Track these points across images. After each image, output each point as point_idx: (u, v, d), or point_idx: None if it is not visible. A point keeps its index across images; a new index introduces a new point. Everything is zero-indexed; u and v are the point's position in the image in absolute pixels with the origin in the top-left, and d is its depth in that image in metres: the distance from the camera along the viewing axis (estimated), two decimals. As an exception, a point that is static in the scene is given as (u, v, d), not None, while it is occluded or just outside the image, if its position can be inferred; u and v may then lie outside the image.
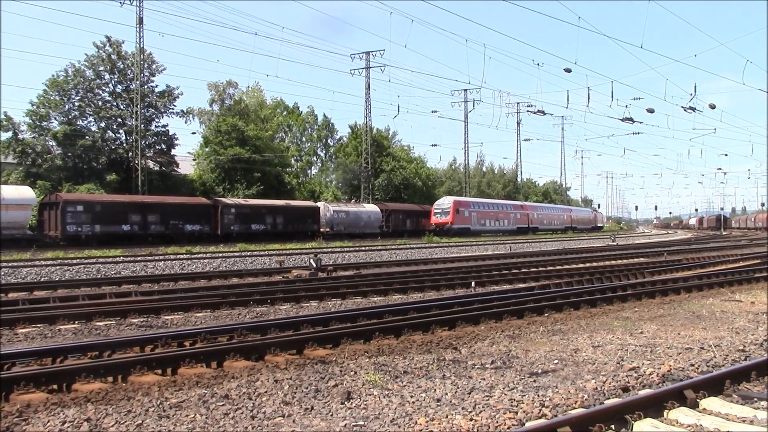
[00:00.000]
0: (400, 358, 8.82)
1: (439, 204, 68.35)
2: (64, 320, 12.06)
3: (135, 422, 6.03)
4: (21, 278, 20.20)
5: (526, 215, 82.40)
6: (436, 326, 11.11)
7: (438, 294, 16.96)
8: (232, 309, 13.90)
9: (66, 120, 55.37)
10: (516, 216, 79.27)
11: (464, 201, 72.01)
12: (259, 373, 7.96)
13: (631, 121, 42.37)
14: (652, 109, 42.15)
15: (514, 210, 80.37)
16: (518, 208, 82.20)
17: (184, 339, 9.66)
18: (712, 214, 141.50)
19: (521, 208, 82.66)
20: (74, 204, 40.80)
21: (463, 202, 71.13)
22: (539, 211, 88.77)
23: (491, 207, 76.51)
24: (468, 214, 68.29)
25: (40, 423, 6.05)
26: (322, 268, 22.23)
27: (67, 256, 27.85)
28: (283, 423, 6.05)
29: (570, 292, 15.41)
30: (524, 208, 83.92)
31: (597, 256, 32.18)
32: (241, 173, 61.46)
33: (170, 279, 20.33)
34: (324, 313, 12.89)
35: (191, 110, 68.08)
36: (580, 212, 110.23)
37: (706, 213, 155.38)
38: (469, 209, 69.32)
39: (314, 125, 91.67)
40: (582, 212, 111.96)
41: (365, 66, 69.00)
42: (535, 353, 9.11)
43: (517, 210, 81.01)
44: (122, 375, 7.74)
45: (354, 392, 7.02)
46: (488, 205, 76.47)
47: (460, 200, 71.20)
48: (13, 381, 7.15)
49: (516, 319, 12.36)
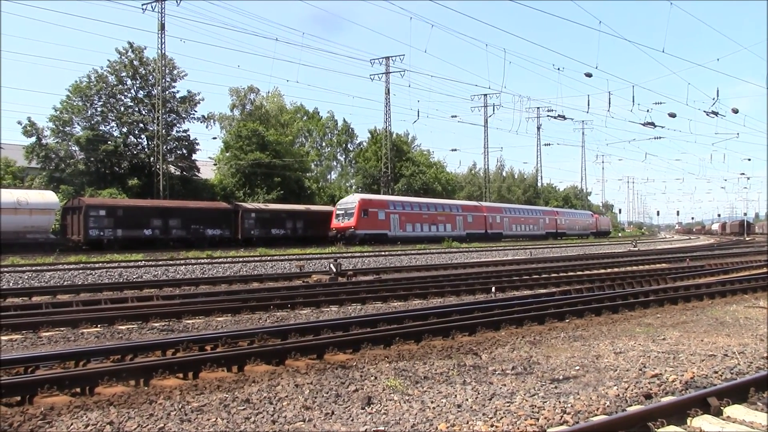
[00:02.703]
0: (420, 363, 8.80)
1: (343, 204, 55.63)
2: (86, 324, 12.16)
3: (157, 426, 6.06)
4: (44, 282, 20.41)
5: (483, 218, 68.69)
6: (457, 331, 11.09)
7: (458, 299, 16.92)
8: (253, 313, 13.96)
9: (89, 125, 55.94)
10: (467, 220, 65.87)
11: (378, 200, 58.21)
12: (280, 378, 7.97)
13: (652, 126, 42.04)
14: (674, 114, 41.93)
15: (465, 212, 66.82)
16: (471, 209, 68.79)
17: (206, 343, 9.71)
18: (735, 219, 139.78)
19: (476, 210, 69.31)
20: (96, 209, 41.18)
21: (375, 201, 57.38)
22: (508, 213, 74.66)
23: (426, 208, 62.35)
24: (384, 216, 55.47)
25: (64, 426, 6.10)
26: (342, 272, 22.23)
27: (90, 260, 28.10)
28: (303, 427, 6.06)
29: (591, 298, 15.31)
30: (481, 209, 70.17)
31: (618, 262, 31.97)
32: (262, 178, 61.73)
33: (191, 283, 20.45)
34: (344, 317, 12.89)
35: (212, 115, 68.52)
36: (572, 215, 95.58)
37: (728, 218, 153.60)
38: (386, 210, 56.32)
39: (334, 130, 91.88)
40: (576, 215, 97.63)
41: (385, 71, 69.10)
42: (556, 359, 9.06)
43: (470, 212, 67.52)
44: (144, 378, 7.80)
45: (374, 397, 7.02)
46: (421, 206, 62.13)
47: (371, 199, 57.60)
48: (37, 384, 7.21)
49: (537, 324, 12.31)
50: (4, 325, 11.55)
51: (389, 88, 69.86)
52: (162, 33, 52.49)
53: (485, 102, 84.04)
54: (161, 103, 54.49)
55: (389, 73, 68.98)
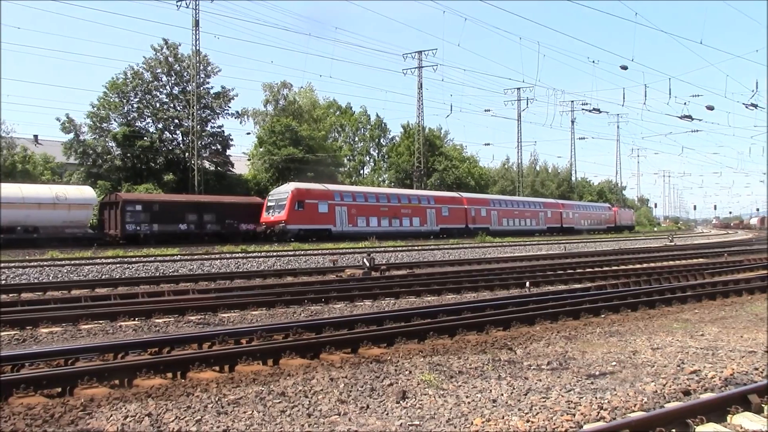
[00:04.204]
0: (454, 358, 8.78)
1: (274, 194, 47.75)
2: (124, 317, 12.34)
3: (194, 418, 6.13)
4: (83, 275, 20.74)
5: (464, 211, 60.34)
6: (491, 326, 11.04)
7: (492, 294, 16.85)
8: (287, 307, 14.04)
9: (125, 121, 56.68)
10: (441, 213, 57.47)
11: (319, 190, 48.75)
12: (315, 371, 8.01)
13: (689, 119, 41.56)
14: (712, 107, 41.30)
15: (439, 204, 58.09)
16: (447, 201, 59.91)
17: (241, 337, 9.80)
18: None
19: (454, 202, 60.49)
20: (133, 204, 41.71)
21: (316, 191, 48.27)
22: (496, 206, 65.84)
23: (386, 200, 53.91)
24: (328, 209, 47.66)
25: (104, 417, 6.19)
26: (376, 267, 22.28)
27: (127, 254, 28.47)
28: (339, 421, 6.08)
29: (627, 293, 15.14)
30: (461, 201, 61.30)
31: (654, 257, 31.57)
32: (295, 173, 61.97)
33: (226, 277, 20.63)
34: (378, 312, 12.91)
35: (246, 111, 69.09)
36: (582, 208, 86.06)
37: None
38: (330, 202, 48.23)
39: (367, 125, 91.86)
40: (588, 208, 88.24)
41: (417, 65, 68.94)
42: (592, 355, 8.98)
43: (445, 204, 58.82)
44: (181, 371, 7.90)
45: (409, 392, 7.02)
46: (379, 197, 53.82)
47: (309, 189, 48.40)
48: (77, 375, 7.35)
49: (572, 319, 12.21)
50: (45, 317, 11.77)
51: (422, 83, 69.76)
52: (196, 29, 52.90)
53: (518, 96, 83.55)
54: (196, 99, 54.97)
55: (422, 67, 68.86)
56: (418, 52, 68.74)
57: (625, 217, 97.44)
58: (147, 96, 58.47)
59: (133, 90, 57.49)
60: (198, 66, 56.02)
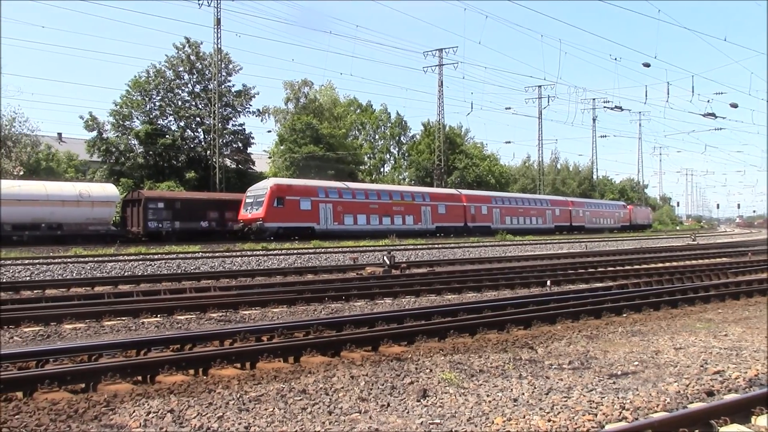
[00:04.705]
0: (475, 356, 8.76)
1: (253, 190, 44.88)
2: (147, 313, 12.43)
3: (216, 414, 6.17)
4: (106, 272, 20.95)
5: (463, 209, 57.51)
6: (512, 325, 11.01)
7: (513, 292, 16.79)
8: (308, 305, 14.07)
9: (147, 119, 57.15)
10: (437, 210, 54.75)
11: (300, 186, 46.25)
12: (336, 369, 8.03)
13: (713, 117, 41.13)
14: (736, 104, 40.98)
15: (435, 201, 55.45)
16: (444, 198, 57.40)
17: (262, 334, 9.84)
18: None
19: (452, 199, 57.76)
20: (155, 201, 42.01)
21: (297, 187, 45.70)
22: (499, 203, 62.69)
23: (376, 196, 50.51)
24: (311, 206, 44.94)
25: (126, 413, 6.25)
26: (396, 265, 22.27)
27: (149, 251, 28.69)
28: (359, 419, 6.09)
29: (649, 292, 15.03)
30: (460, 198, 58.42)
31: (676, 256, 31.30)
32: (316, 171, 62.13)
33: (247, 275, 20.73)
34: (398, 310, 12.90)
35: (267, 109, 69.38)
36: (594, 206, 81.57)
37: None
38: (314, 199, 45.54)
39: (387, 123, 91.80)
40: (600, 206, 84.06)
41: (438, 63, 68.83)
42: (614, 354, 8.92)
43: (442, 201, 56.14)
44: (203, 368, 7.95)
45: (430, 390, 7.02)
46: (368, 193, 50.46)
47: (291, 185, 46.14)
48: (100, 371, 7.42)
49: (593, 318, 12.14)
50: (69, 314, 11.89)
51: (442, 81, 69.63)
52: (218, 28, 53.15)
53: (539, 93, 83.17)
54: (217, 97, 55.26)
55: (442, 65, 68.73)
56: (439, 49, 68.66)
57: (641, 215, 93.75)
58: (169, 94, 58.90)
59: (156, 88, 57.94)
60: (219, 64, 56.30)
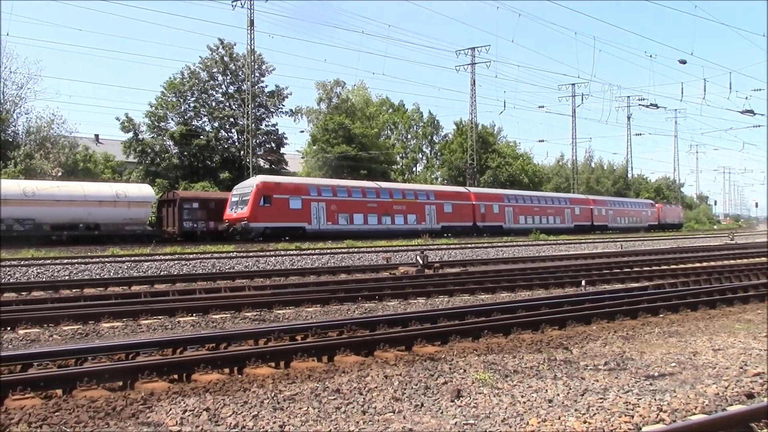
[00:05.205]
0: (509, 357, 8.71)
1: (239, 189, 42.86)
2: (182, 312, 12.56)
3: (251, 413, 6.20)
4: (143, 272, 21.22)
5: (471, 208, 54.99)
6: (546, 325, 10.93)
7: (547, 292, 16.67)
8: (341, 304, 14.11)
9: (182, 120, 57.79)
10: (443, 209, 52.11)
11: (289, 184, 44.73)
12: (369, 369, 8.04)
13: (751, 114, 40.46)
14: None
15: (441, 200, 52.76)
16: (452, 196, 54.81)
17: (296, 333, 9.89)
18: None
19: (460, 197, 55.26)
20: (190, 201, 42.46)
21: (286, 185, 43.93)
22: (511, 202, 59.83)
23: (375, 194, 48.08)
24: (301, 205, 42.80)
25: (163, 411, 6.31)
26: (429, 264, 22.23)
27: (184, 251, 29.01)
28: (393, 419, 6.09)
29: (686, 292, 14.81)
30: (468, 197, 55.95)
31: (714, 255, 30.81)
32: (348, 171, 62.34)
33: (281, 274, 20.84)
34: (432, 310, 12.88)
35: (299, 109, 69.77)
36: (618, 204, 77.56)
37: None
38: (305, 197, 43.35)
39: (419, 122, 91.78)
40: (624, 204, 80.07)
41: (471, 62, 68.59)
42: (650, 355, 8.81)
43: (449, 200, 53.66)
44: (238, 367, 8.00)
45: (464, 390, 6.99)
46: (366, 191, 47.85)
47: (279, 183, 44.15)
48: (137, 370, 7.51)
49: (629, 319, 12.00)
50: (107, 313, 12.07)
51: (475, 79, 69.39)
52: (251, 29, 53.61)
53: (573, 91, 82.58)
54: (251, 98, 55.68)
55: (475, 63, 68.48)
56: (471, 48, 68.44)
57: (671, 214, 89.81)
58: (203, 95, 59.51)
59: (190, 89, 58.57)
60: (253, 65, 56.74)
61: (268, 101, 61.13)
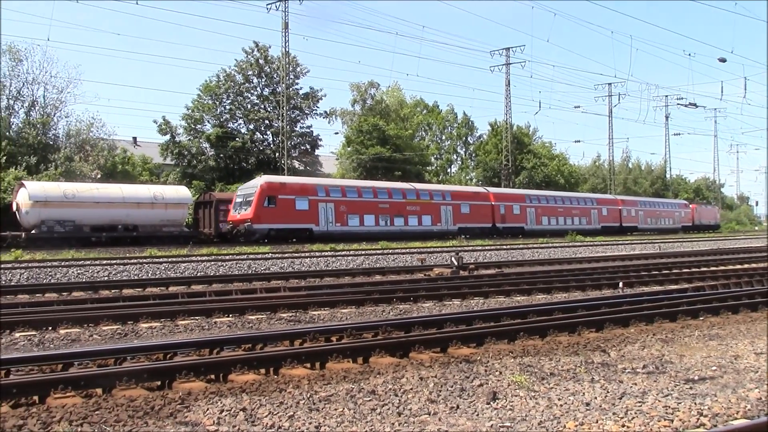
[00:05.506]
0: (546, 359, 8.64)
1: (243, 189, 42.01)
2: (219, 313, 12.67)
3: (287, 414, 6.23)
4: (180, 273, 21.45)
5: (490, 208, 53.13)
6: (583, 327, 10.81)
7: (584, 294, 16.50)
8: (376, 306, 14.11)
9: (218, 123, 58.46)
10: (459, 210, 50.10)
11: (295, 184, 43.11)
12: (405, 370, 8.02)
13: (794, 112, 39.51)
14: (819, 99, 39.14)
15: (458, 200, 50.69)
16: (470, 197, 53.06)
17: (331, 334, 9.91)
18: None
19: (477, 198, 53.47)
20: (226, 203, 42.77)
21: (291, 186, 42.41)
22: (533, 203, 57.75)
23: (387, 195, 46.24)
24: (308, 205, 41.32)
25: (201, 411, 6.37)
26: (464, 266, 22.15)
27: (221, 252, 29.24)
28: (429, 421, 6.07)
29: (727, 295, 14.54)
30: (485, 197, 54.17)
31: (756, 257, 30.19)
32: (382, 172, 62.38)
33: (316, 275, 20.91)
34: (467, 311, 12.83)
35: (334, 111, 70.08)
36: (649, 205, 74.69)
37: None
38: (312, 198, 41.90)
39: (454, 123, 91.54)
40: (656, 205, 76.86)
41: (505, 62, 68.24)
42: (690, 359, 8.66)
43: (466, 200, 51.66)
44: (274, 367, 8.04)
45: (499, 393, 6.94)
46: (378, 192, 46.07)
47: (284, 183, 42.62)
48: (175, 370, 7.60)
49: (668, 322, 11.82)
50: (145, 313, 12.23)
51: (510, 80, 69.08)
52: (286, 31, 53.92)
53: (609, 91, 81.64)
54: (285, 100, 56.05)
55: (510, 64, 68.20)
56: (506, 48, 68.18)
57: (706, 215, 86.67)
58: (238, 98, 60.12)
59: (226, 92, 59.23)
60: (287, 67, 57.09)
61: (303, 103, 61.53)
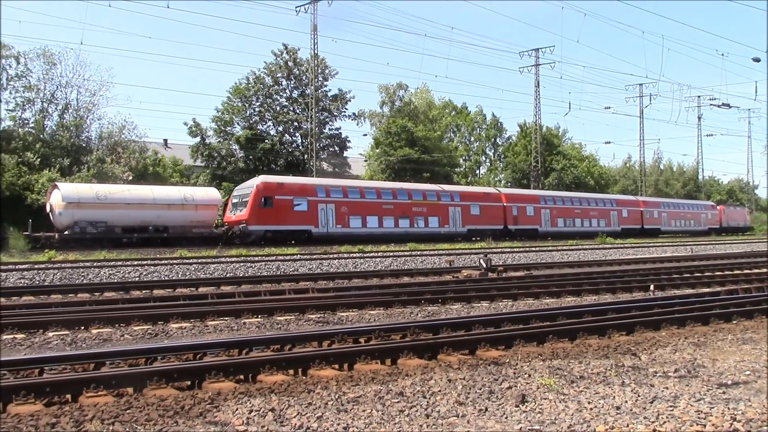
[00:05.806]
0: (575, 362, 8.56)
1: (239, 190, 41.26)
2: (248, 314, 12.75)
3: (315, 414, 6.25)
4: (209, 274, 21.61)
5: (503, 210, 51.57)
6: (613, 330, 10.72)
7: (614, 297, 16.34)
8: (404, 307, 14.10)
9: (247, 125, 58.85)
10: (469, 211, 48.71)
11: (293, 185, 41.77)
12: (433, 372, 8.01)
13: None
14: None
15: (466, 201, 49.11)
16: (482, 198, 51.38)
17: (360, 336, 9.92)
18: None
19: (492, 199, 51.79)
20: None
21: (290, 186, 41.19)
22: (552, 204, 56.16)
23: (390, 195, 44.90)
24: (307, 206, 40.05)
25: (230, 410, 6.41)
26: (492, 268, 22.05)
27: (250, 253, 29.41)
28: (457, 423, 6.04)
29: (761, 298, 14.31)
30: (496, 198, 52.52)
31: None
32: (411, 173, 62.32)
33: (344, 277, 20.95)
34: (495, 313, 12.78)
35: (362, 113, 70.08)
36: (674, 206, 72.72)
37: None
38: (311, 198, 40.60)
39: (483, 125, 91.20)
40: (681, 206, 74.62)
41: (535, 63, 67.88)
42: (723, 363, 8.53)
43: (479, 201, 50.23)
44: (302, 368, 8.08)
45: (528, 395, 6.89)
46: (381, 192, 44.92)
47: (282, 183, 41.24)
48: (205, 370, 7.66)
49: (701, 325, 11.66)
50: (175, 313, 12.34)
51: (539, 81, 68.72)
52: (314, 34, 54.20)
53: (641, 92, 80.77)
54: (314, 102, 56.28)
55: (539, 65, 67.85)
56: (535, 49, 67.85)
57: (735, 216, 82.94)
58: (268, 100, 60.47)
59: (255, 94, 59.61)
60: (316, 69, 57.33)
61: (332, 105, 61.72)
